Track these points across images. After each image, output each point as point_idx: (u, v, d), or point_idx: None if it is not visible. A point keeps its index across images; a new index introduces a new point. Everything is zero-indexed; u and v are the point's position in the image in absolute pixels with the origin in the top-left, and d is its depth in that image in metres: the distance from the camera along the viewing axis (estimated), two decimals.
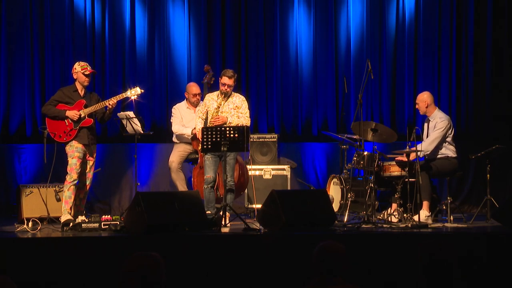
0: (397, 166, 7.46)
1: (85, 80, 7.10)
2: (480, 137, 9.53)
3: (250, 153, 8.58)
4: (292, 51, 9.93)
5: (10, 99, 9.52)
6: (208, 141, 6.75)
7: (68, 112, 7.01)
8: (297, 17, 9.93)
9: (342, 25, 9.97)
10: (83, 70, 7.09)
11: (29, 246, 5.96)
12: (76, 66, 7.15)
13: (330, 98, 9.91)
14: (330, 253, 3.52)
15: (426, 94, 7.77)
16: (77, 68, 7.11)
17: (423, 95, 7.77)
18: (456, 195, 9.22)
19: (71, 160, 6.97)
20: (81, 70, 7.09)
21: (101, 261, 5.60)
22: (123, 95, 7.23)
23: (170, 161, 8.15)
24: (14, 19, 9.51)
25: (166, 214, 6.20)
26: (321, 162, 9.69)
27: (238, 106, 7.36)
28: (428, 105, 7.66)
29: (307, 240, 5.59)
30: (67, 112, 7.01)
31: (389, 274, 5.68)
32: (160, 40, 9.80)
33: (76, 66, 7.14)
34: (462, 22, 9.82)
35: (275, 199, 6.36)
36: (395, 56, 9.93)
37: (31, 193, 7.74)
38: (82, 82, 7.10)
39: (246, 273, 5.68)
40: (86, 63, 7.19)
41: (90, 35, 9.65)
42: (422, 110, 7.71)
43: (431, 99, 7.70)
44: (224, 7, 9.89)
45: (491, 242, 5.98)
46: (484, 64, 9.74)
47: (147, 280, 3.02)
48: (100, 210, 8.92)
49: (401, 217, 7.01)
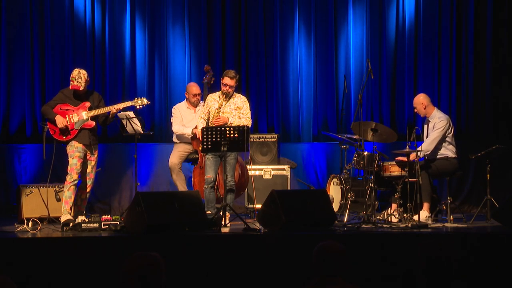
0: (397, 166, 7.46)
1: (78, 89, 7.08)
2: (480, 137, 9.53)
3: (250, 153, 8.57)
4: (292, 50, 9.93)
5: (10, 99, 9.52)
6: (208, 141, 6.75)
7: (57, 117, 6.98)
8: (297, 17, 9.93)
9: (343, 25, 9.97)
10: (71, 81, 7.05)
11: (29, 246, 5.96)
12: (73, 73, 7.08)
13: (330, 98, 9.91)
14: (330, 253, 3.53)
15: (421, 96, 7.78)
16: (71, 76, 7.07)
17: (418, 97, 7.77)
18: (456, 195, 9.21)
19: (72, 160, 6.97)
20: (71, 81, 7.06)
21: (101, 261, 5.60)
22: (129, 103, 7.24)
23: (170, 161, 8.14)
24: (14, 19, 9.51)
25: (166, 214, 6.20)
26: (321, 162, 9.68)
27: (239, 107, 7.35)
28: (426, 106, 7.67)
29: (307, 240, 5.59)
30: (56, 116, 6.98)
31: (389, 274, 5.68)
32: (161, 40, 9.80)
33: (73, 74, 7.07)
34: (462, 22, 9.81)
35: (275, 199, 6.36)
36: (395, 56, 9.93)
37: (31, 193, 7.74)
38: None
39: (246, 273, 5.68)
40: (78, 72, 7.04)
41: (90, 35, 9.65)
42: (422, 112, 7.71)
43: (427, 100, 7.70)
44: (224, 7, 9.89)
45: (491, 242, 5.98)
46: (484, 64, 9.73)
47: (147, 280, 3.02)
48: (100, 210, 8.92)
49: (401, 217, 7.01)
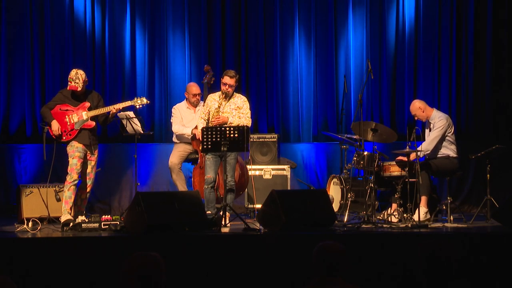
0: (397, 166, 7.46)
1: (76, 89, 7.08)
2: (480, 137, 9.52)
3: (250, 153, 8.57)
4: (292, 51, 9.93)
5: (10, 99, 9.52)
6: (208, 141, 6.74)
7: (53, 122, 6.99)
8: (297, 17, 9.93)
9: (343, 25, 9.96)
10: (69, 82, 7.05)
11: (29, 246, 5.96)
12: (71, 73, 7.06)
13: (330, 98, 9.90)
14: (330, 253, 3.53)
15: (416, 102, 7.78)
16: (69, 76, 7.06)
17: (414, 104, 7.77)
18: (456, 195, 9.21)
19: (72, 160, 6.97)
20: (69, 82, 7.06)
21: (101, 261, 5.60)
22: (129, 102, 7.24)
23: (171, 161, 8.14)
24: (14, 19, 9.51)
25: (166, 214, 6.20)
26: (321, 162, 9.68)
27: (239, 107, 7.34)
28: (424, 110, 7.67)
29: (307, 240, 5.58)
30: (52, 121, 7.00)
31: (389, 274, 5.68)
32: (161, 40, 9.80)
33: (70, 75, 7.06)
34: (462, 22, 9.81)
35: (275, 199, 6.36)
36: (395, 56, 9.92)
37: (31, 193, 7.74)
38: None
39: (246, 273, 5.68)
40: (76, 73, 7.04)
41: (90, 35, 9.64)
42: (422, 117, 7.69)
43: (423, 104, 7.71)
44: (224, 7, 9.89)
45: (491, 242, 5.98)
46: (484, 64, 9.73)
47: (147, 280, 3.02)
48: (100, 210, 8.91)
49: (401, 217, 7.01)
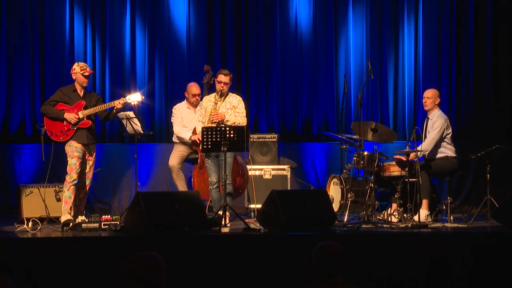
0: (397, 166, 7.46)
1: (84, 81, 7.09)
2: (480, 137, 9.52)
3: (250, 153, 8.57)
4: (292, 51, 9.93)
5: (10, 99, 9.51)
6: (208, 141, 6.75)
7: (66, 115, 6.99)
8: (298, 17, 9.93)
9: (343, 24, 9.97)
10: (82, 71, 7.07)
11: (29, 246, 5.96)
12: (75, 66, 7.14)
13: (330, 98, 9.90)
14: (330, 253, 3.52)
15: (436, 92, 7.76)
16: (76, 69, 7.10)
17: (434, 91, 7.74)
18: (456, 195, 9.21)
19: (71, 160, 6.96)
20: (80, 71, 7.07)
21: (101, 261, 5.60)
22: (122, 99, 7.17)
23: (170, 161, 8.13)
24: (14, 19, 9.51)
25: (166, 214, 6.19)
26: (321, 162, 9.68)
27: (235, 106, 7.34)
28: (434, 102, 7.64)
29: (307, 240, 5.59)
30: (65, 114, 6.99)
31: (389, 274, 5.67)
32: (161, 39, 9.79)
33: (75, 67, 7.12)
34: (462, 21, 9.81)
35: (275, 199, 6.36)
36: (396, 56, 9.93)
37: (31, 193, 7.74)
38: (81, 83, 7.09)
39: (246, 273, 5.68)
40: (85, 64, 7.20)
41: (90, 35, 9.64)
42: (429, 106, 7.64)
43: (436, 96, 7.69)
44: (224, 7, 9.89)
45: (491, 242, 5.98)
46: (484, 63, 9.73)
47: (147, 280, 3.02)
48: (100, 210, 8.91)
49: (401, 217, 7.01)
